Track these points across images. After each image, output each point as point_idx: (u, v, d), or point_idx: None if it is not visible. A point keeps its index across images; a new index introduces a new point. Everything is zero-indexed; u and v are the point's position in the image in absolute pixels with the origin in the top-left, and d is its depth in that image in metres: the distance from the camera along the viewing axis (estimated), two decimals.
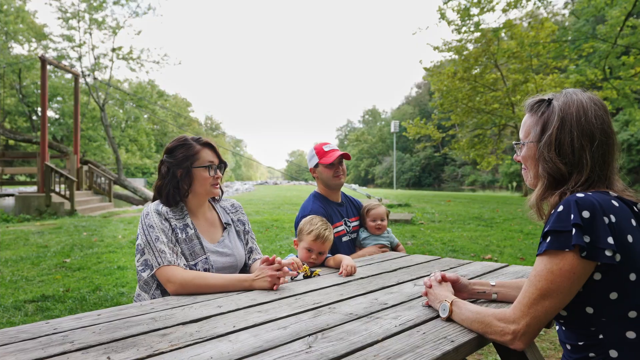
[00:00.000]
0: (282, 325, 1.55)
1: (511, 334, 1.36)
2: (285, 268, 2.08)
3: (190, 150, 2.30)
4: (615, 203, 1.36)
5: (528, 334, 1.35)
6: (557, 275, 1.31)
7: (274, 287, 2.03)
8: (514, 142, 1.64)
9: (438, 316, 1.64)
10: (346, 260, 2.49)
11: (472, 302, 1.79)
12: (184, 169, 2.28)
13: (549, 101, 1.51)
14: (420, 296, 1.92)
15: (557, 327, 1.53)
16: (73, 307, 4.56)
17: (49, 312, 4.42)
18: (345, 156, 3.17)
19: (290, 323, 1.57)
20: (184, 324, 1.58)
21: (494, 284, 1.84)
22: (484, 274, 2.39)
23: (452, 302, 1.59)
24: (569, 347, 1.45)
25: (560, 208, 1.35)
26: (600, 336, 1.35)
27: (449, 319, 1.59)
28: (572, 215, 1.30)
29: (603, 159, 1.42)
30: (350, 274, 2.36)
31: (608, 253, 1.27)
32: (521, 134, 1.59)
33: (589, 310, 1.35)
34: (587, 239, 1.28)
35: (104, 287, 5.28)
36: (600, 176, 1.41)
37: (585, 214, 1.30)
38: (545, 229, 1.36)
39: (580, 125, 1.41)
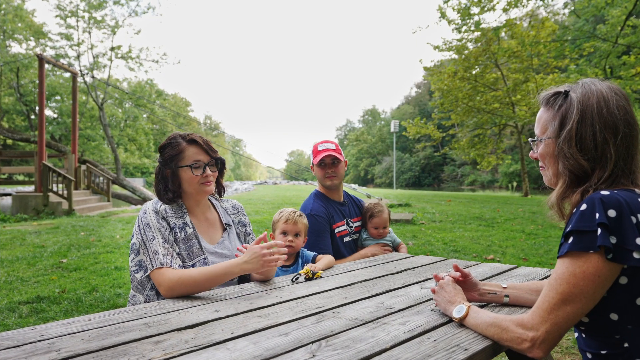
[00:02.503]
0: (284, 331, 1.46)
1: (529, 341, 1.26)
2: (279, 249, 1.98)
3: (175, 149, 2.19)
4: None
5: (548, 341, 1.25)
6: (581, 279, 1.21)
7: (269, 266, 1.93)
8: (529, 139, 1.54)
9: (449, 322, 1.55)
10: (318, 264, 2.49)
11: (482, 306, 1.71)
12: (171, 169, 2.19)
13: (566, 93, 1.40)
14: (429, 300, 1.83)
15: (575, 334, 1.44)
16: (68, 308, 4.46)
17: (44, 313, 4.33)
18: (328, 157, 3.01)
19: (292, 329, 1.48)
20: (179, 330, 1.49)
21: (505, 286, 1.75)
22: (493, 276, 2.29)
23: (469, 306, 1.50)
24: (589, 355, 1.36)
25: (584, 207, 1.25)
26: (625, 344, 1.26)
27: (461, 323, 1.49)
28: (597, 214, 1.21)
29: (627, 152, 1.32)
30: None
31: (636, 255, 1.18)
32: (537, 130, 1.49)
33: (614, 316, 1.26)
34: (613, 240, 1.19)
35: (101, 288, 5.18)
36: (624, 170, 1.32)
37: (612, 212, 1.20)
38: (568, 229, 1.27)
39: (602, 118, 1.31)
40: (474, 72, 22.67)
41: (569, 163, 1.35)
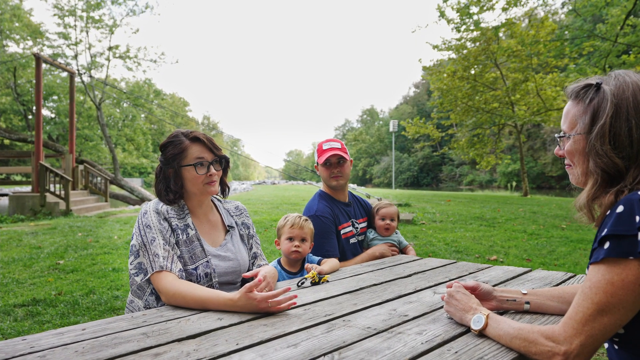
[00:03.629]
0: (292, 342, 1.36)
1: (562, 355, 1.16)
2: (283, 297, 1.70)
3: (178, 147, 2.08)
4: None
5: (582, 355, 1.15)
6: (619, 287, 1.11)
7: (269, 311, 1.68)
8: (555, 135, 1.43)
9: (468, 331, 1.44)
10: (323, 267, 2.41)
11: (501, 313, 1.61)
12: (173, 168, 2.09)
13: (598, 85, 1.29)
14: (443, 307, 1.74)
15: (606, 345, 1.34)
16: (65, 311, 4.36)
17: (40, 317, 4.22)
18: (334, 157, 2.93)
19: (301, 339, 1.38)
20: (179, 340, 1.39)
21: (525, 292, 1.65)
22: (508, 280, 2.19)
23: (488, 314, 1.39)
24: None
25: (620, 208, 1.15)
26: None
27: (481, 334, 1.39)
28: (638, 217, 1.11)
29: None
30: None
31: None
32: (564, 125, 1.38)
33: None
34: None
35: (98, 290, 5.08)
36: None
37: None
38: (603, 233, 1.17)
39: (639, 112, 1.21)
40: (473, 72, 22.57)
41: (601, 161, 1.24)
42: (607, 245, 1.14)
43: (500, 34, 20.37)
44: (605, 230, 1.16)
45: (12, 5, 25.53)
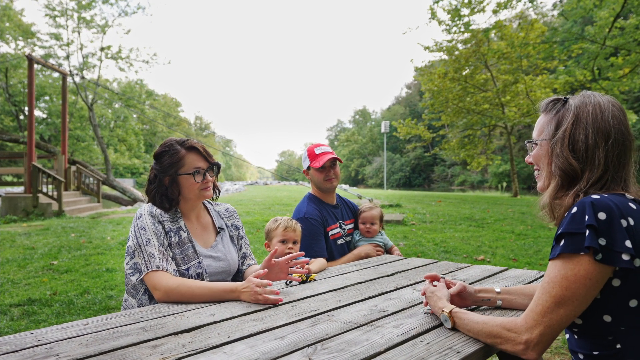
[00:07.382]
0: (279, 335, 1.49)
1: (524, 344, 1.30)
2: (270, 288, 1.90)
3: (175, 157, 2.20)
4: (633, 206, 1.30)
5: (542, 343, 1.29)
6: (572, 282, 1.25)
7: (258, 302, 1.88)
8: (526, 141, 1.60)
9: (441, 324, 1.58)
10: (314, 266, 2.58)
11: (473, 308, 1.74)
12: (170, 176, 2.20)
13: (565, 100, 1.48)
14: (421, 302, 1.87)
15: (567, 335, 1.48)
16: (60, 311, 4.45)
17: (36, 316, 4.31)
18: (329, 160, 3.06)
19: (288, 332, 1.51)
20: (175, 334, 1.51)
21: (498, 290, 1.78)
22: (484, 278, 2.33)
23: (450, 312, 1.53)
24: (581, 356, 1.39)
25: (574, 210, 1.30)
26: (618, 346, 1.30)
27: (453, 329, 1.53)
28: (587, 217, 1.26)
29: (618, 160, 1.37)
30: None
31: (625, 257, 1.22)
32: (534, 134, 1.55)
33: (607, 318, 1.30)
34: (602, 242, 1.23)
35: (92, 290, 5.17)
36: (614, 178, 1.37)
37: (602, 215, 1.25)
38: (559, 232, 1.31)
39: (596, 123, 1.37)
40: (464, 73, 22.79)
41: (560, 162, 1.41)
42: (562, 242, 1.29)
43: (492, 35, 20.60)
44: (561, 228, 1.30)
45: (2, 5, 25.43)
